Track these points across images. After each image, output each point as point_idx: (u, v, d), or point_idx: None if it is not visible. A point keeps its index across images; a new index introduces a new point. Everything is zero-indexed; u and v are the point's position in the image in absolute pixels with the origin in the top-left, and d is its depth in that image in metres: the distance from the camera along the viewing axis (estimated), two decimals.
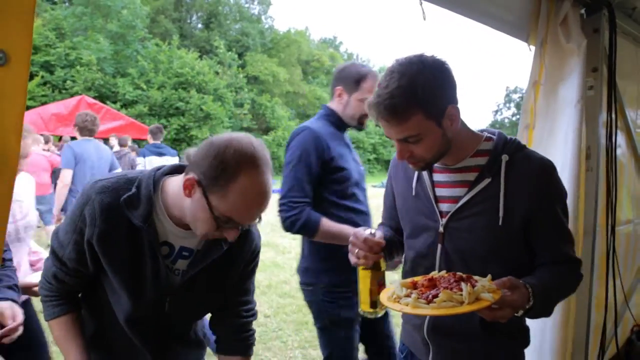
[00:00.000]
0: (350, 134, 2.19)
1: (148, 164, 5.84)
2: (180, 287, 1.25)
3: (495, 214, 1.19)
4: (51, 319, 1.28)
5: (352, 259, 1.25)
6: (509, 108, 57.36)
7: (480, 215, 1.21)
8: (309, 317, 4.68)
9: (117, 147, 9.15)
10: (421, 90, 1.09)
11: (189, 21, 34.56)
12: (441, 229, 1.26)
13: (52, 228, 6.06)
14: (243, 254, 1.32)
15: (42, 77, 19.18)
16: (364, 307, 1.31)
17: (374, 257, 1.24)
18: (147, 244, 1.17)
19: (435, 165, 1.29)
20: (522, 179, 1.19)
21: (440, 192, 1.29)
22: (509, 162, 1.21)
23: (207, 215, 1.07)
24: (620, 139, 2.59)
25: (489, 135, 1.28)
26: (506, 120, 56.09)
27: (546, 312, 1.18)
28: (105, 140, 11.50)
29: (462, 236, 1.24)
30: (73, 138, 7.89)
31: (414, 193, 1.34)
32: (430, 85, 1.10)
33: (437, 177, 1.31)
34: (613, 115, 2.31)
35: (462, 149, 1.25)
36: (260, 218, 1.14)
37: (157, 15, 30.32)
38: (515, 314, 1.09)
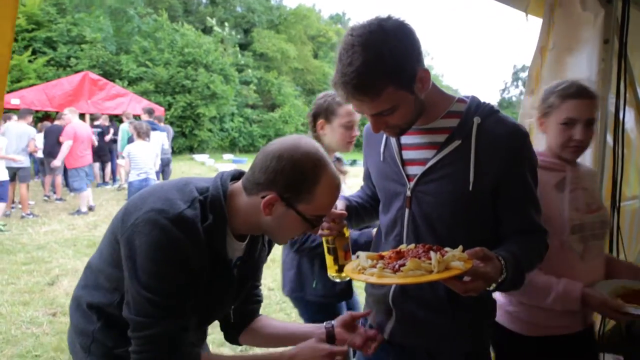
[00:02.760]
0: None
1: None
2: (236, 291, 1.27)
3: (465, 178, 1.14)
4: None
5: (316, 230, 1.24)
6: (516, 86, 56.26)
7: (448, 178, 1.16)
8: None
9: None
10: (389, 61, 1.02)
11: None
12: (408, 193, 1.22)
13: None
14: (271, 243, 1.36)
15: (46, 53, 19.08)
16: (332, 271, 1.44)
17: (337, 227, 1.28)
18: (222, 264, 1.14)
19: None
20: (493, 142, 1.13)
21: (408, 154, 1.24)
22: (480, 124, 1.15)
23: (299, 223, 1.11)
24: (629, 114, 2.54)
25: (462, 97, 1.23)
26: (514, 99, 55.25)
27: (517, 285, 1.14)
28: (120, 121, 11.61)
29: (428, 200, 1.19)
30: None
31: (382, 158, 1.31)
32: (397, 53, 1.03)
33: (405, 139, 1.25)
34: (622, 89, 2.26)
35: (432, 109, 1.20)
36: None
37: None
38: (487, 288, 1.04)
